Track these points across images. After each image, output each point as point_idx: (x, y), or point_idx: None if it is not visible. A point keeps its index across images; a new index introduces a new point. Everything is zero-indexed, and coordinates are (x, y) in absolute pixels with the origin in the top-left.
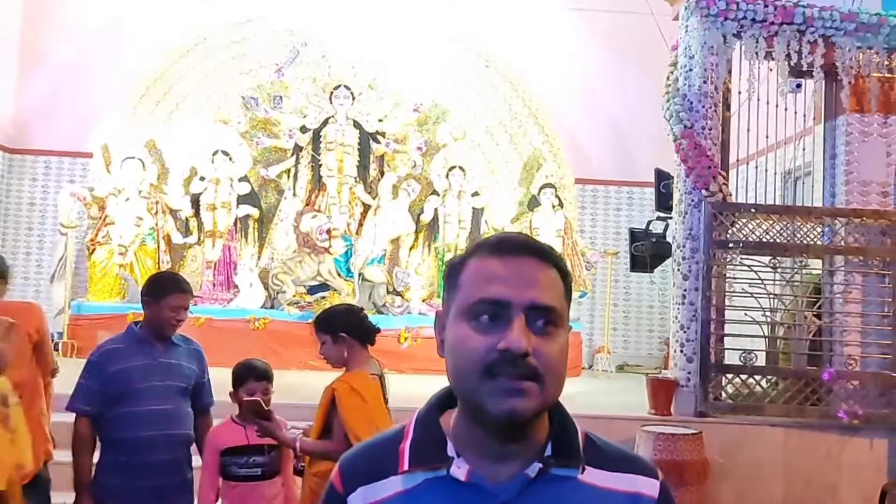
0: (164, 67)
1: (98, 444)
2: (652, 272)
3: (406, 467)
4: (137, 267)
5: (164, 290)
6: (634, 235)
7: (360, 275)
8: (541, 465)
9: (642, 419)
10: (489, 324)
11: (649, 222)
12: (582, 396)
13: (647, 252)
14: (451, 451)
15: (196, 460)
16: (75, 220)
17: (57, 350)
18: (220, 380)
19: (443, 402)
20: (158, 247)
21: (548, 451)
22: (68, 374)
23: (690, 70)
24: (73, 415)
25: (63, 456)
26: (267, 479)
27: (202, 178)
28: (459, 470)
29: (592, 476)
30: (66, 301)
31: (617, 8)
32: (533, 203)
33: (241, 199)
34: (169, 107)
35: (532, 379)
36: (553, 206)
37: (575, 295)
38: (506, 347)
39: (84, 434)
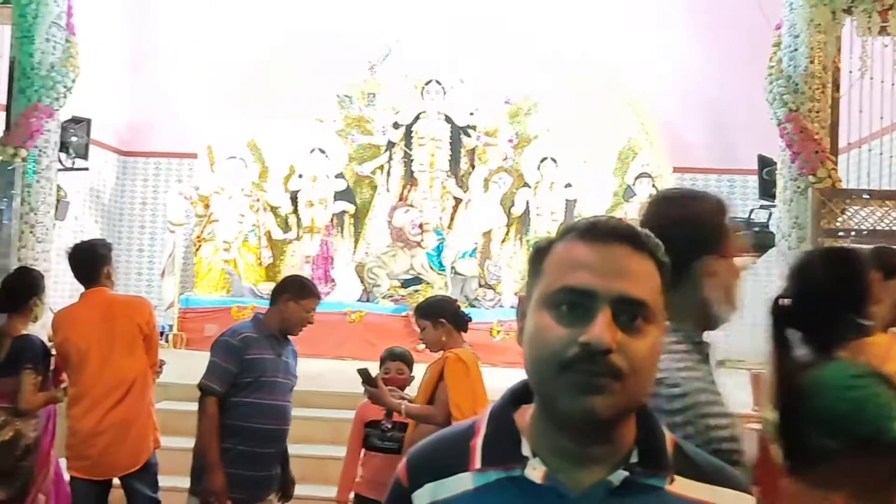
0: (263, 68)
1: None
2: (755, 263)
3: (477, 465)
4: (241, 262)
5: (307, 293)
6: None
7: (452, 268)
8: (626, 472)
9: (745, 417)
10: (572, 314)
11: (751, 211)
12: None
13: (749, 242)
14: (525, 450)
15: None
16: (183, 218)
17: (167, 342)
18: (318, 370)
19: (518, 396)
20: (260, 243)
21: (633, 458)
22: (177, 366)
23: (796, 50)
24: (163, 406)
25: (167, 442)
26: (402, 454)
27: (300, 176)
28: (535, 471)
29: (681, 487)
30: (176, 295)
31: None
32: (628, 193)
33: (337, 196)
34: (268, 107)
35: (614, 377)
36: (650, 196)
37: None
38: (587, 342)
39: (214, 414)
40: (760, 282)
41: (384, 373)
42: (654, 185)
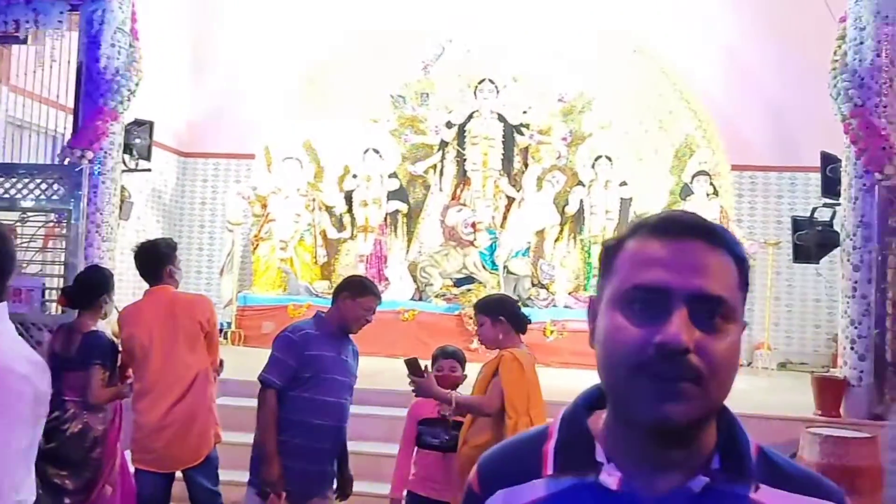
0: (319, 70)
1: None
2: (818, 263)
3: (550, 471)
4: (297, 261)
5: (365, 290)
6: (798, 224)
7: (504, 267)
8: (707, 478)
9: (807, 420)
10: (646, 314)
11: (814, 209)
12: (739, 395)
13: (812, 241)
14: (600, 455)
15: None
16: (241, 217)
17: (226, 339)
18: (372, 369)
19: (592, 400)
20: (315, 242)
21: (715, 464)
22: (235, 362)
23: (861, 43)
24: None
25: (227, 437)
26: (454, 452)
27: (354, 176)
28: (610, 478)
29: (766, 496)
30: (234, 293)
31: None
32: (685, 192)
33: (391, 195)
34: (324, 108)
35: (691, 380)
36: (707, 195)
37: None
38: (662, 342)
39: (273, 406)
40: (824, 283)
41: (437, 371)
42: (711, 184)
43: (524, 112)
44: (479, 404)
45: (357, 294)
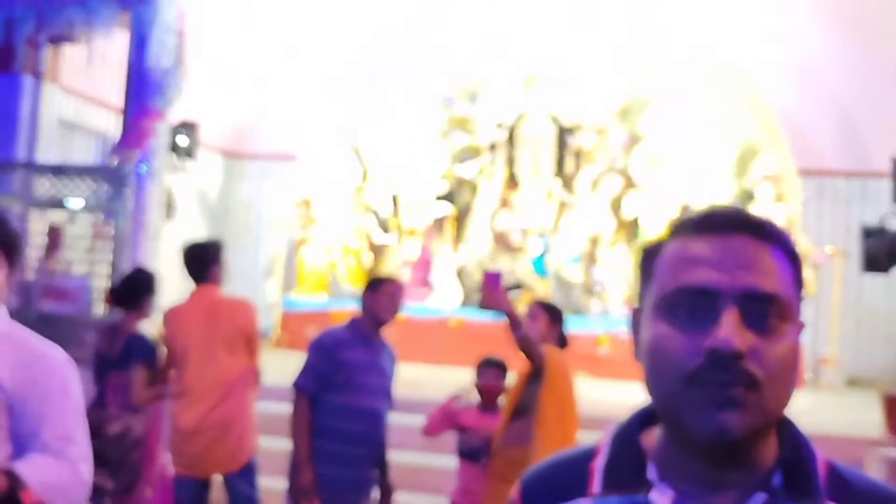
0: (367, 72)
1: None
2: (888, 273)
3: (598, 489)
4: (342, 264)
5: (381, 280)
6: (868, 232)
7: (556, 274)
8: (766, 495)
9: (874, 441)
10: (693, 319)
11: (885, 217)
12: (801, 412)
13: (882, 251)
14: (651, 474)
15: None
16: (286, 219)
17: (269, 342)
18: (415, 376)
19: (645, 417)
20: (361, 246)
21: (776, 481)
22: (278, 366)
23: None
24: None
25: (268, 442)
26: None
27: (401, 179)
28: (661, 497)
29: None
30: (278, 296)
31: None
32: (748, 198)
33: (438, 198)
34: (370, 110)
35: (748, 387)
36: (771, 201)
37: None
38: (713, 347)
39: (306, 412)
40: (895, 295)
41: (482, 380)
42: (776, 189)
43: (578, 114)
44: (537, 346)
45: (375, 286)
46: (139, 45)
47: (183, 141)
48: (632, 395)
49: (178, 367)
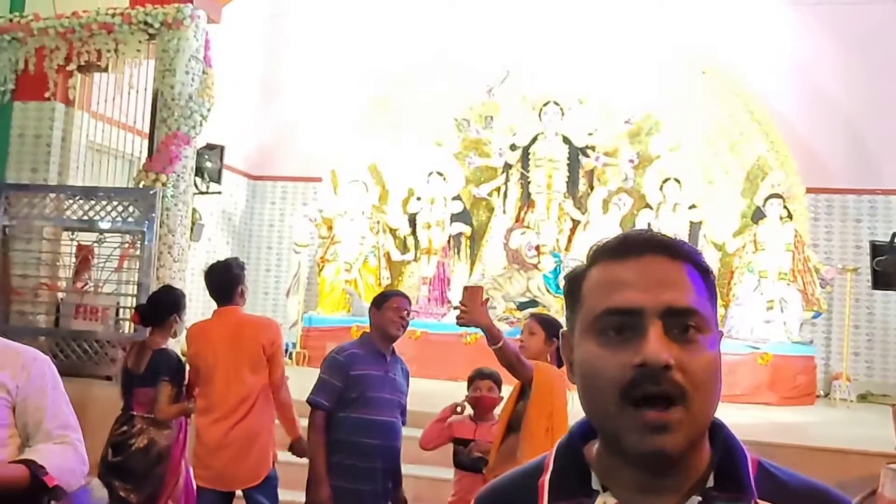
0: (384, 95)
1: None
2: None
3: (545, 502)
4: (361, 283)
5: (387, 295)
6: (877, 249)
7: None
8: (700, 498)
9: (888, 456)
10: (621, 338)
11: (895, 234)
12: (814, 427)
13: (892, 267)
14: (595, 483)
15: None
16: (308, 239)
17: (291, 359)
18: (431, 391)
19: (586, 430)
20: (380, 264)
21: (710, 482)
22: (299, 382)
23: None
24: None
25: (290, 457)
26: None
27: (418, 199)
28: None
29: None
30: (300, 314)
31: None
32: (758, 215)
33: (454, 218)
34: (388, 132)
35: (678, 402)
36: (781, 218)
37: (808, 315)
38: (642, 362)
39: (321, 427)
40: None
41: (474, 392)
42: (785, 206)
43: (590, 134)
44: (519, 360)
45: (381, 301)
46: (166, 72)
47: (209, 164)
48: None
49: (202, 383)
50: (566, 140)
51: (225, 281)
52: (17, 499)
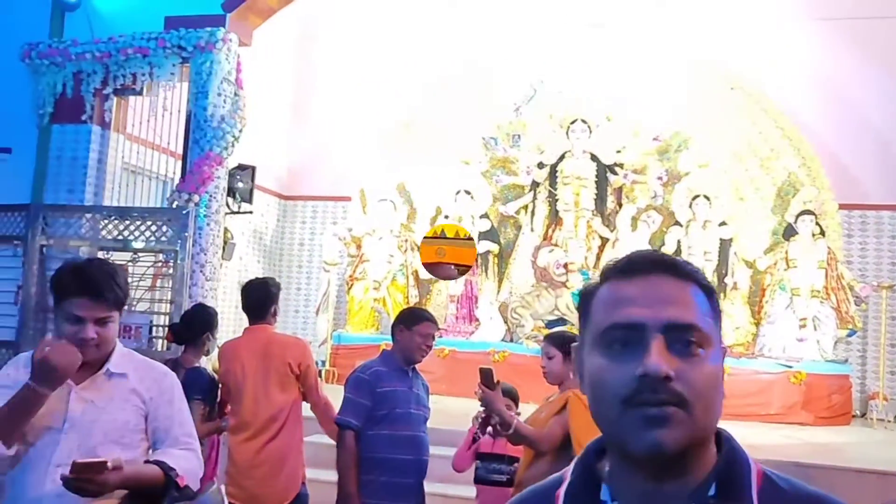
0: (412, 114)
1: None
2: None
3: None
4: (389, 301)
5: (417, 318)
6: None
7: None
8: None
9: None
10: (625, 351)
11: None
12: (852, 448)
13: None
14: (604, 494)
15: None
16: (337, 258)
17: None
18: (458, 409)
19: (601, 447)
20: (408, 282)
21: (711, 491)
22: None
23: None
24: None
25: (317, 475)
26: (512, 487)
27: (446, 217)
28: None
29: None
30: (329, 332)
31: (873, 13)
32: (789, 232)
33: (482, 236)
34: (417, 151)
35: (677, 405)
36: (813, 235)
37: (842, 333)
38: (644, 373)
39: (352, 447)
40: None
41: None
42: (817, 223)
43: (618, 151)
44: (537, 438)
45: (412, 323)
46: (198, 94)
47: (241, 184)
48: None
49: (233, 400)
50: (594, 158)
51: (261, 298)
52: (151, 495)
